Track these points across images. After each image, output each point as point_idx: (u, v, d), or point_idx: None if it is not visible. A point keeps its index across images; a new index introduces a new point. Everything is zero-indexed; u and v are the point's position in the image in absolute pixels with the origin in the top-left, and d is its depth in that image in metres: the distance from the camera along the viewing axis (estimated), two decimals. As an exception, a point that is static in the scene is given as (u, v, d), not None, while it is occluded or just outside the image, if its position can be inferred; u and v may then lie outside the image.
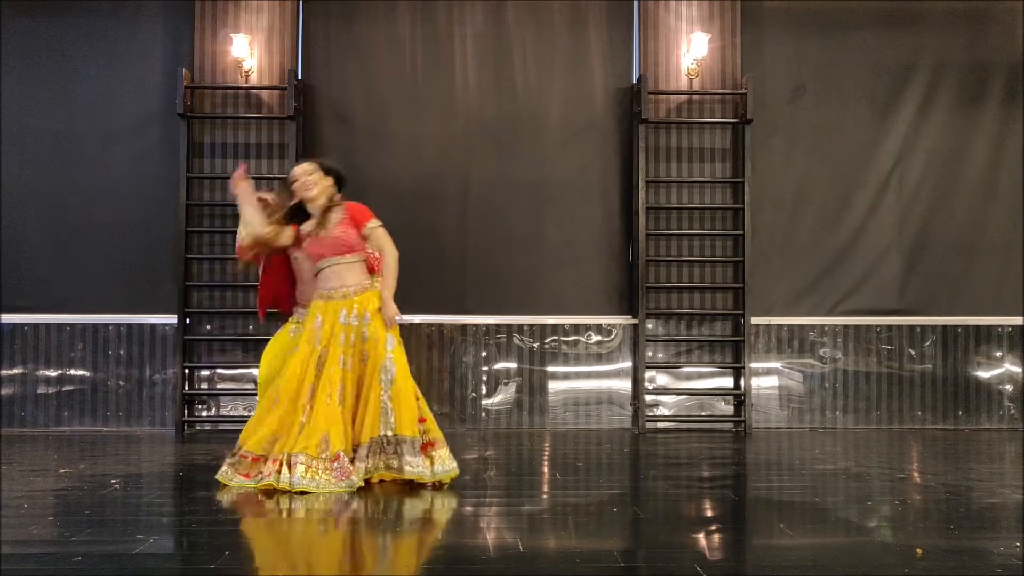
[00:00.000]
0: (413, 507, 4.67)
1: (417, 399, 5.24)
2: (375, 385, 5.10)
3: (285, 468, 4.98)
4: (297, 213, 5.29)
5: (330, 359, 5.12)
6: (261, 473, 5.08)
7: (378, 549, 4.08)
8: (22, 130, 7.94)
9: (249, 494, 5.19)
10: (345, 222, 5.25)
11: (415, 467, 5.09)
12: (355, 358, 5.17)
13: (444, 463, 5.17)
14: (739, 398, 8.03)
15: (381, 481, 5.15)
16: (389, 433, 5.11)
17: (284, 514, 4.73)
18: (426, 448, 5.17)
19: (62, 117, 7.97)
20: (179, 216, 7.81)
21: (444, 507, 4.70)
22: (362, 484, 4.99)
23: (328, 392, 5.06)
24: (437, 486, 5.11)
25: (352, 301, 5.20)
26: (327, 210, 5.26)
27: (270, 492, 4.99)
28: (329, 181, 5.27)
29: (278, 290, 5.67)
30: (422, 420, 5.20)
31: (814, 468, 6.09)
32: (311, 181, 5.23)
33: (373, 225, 5.26)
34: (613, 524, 4.48)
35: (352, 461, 5.07)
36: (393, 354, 5.15)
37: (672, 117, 8.12)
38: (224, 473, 5.22)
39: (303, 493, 4.88)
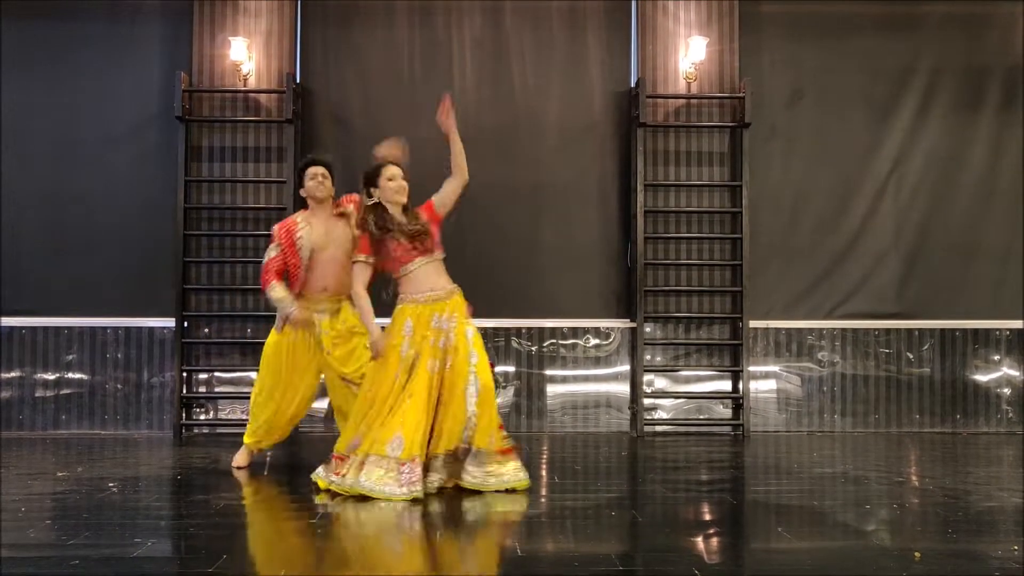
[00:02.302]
0: (412, 511, 4.67)
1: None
2: (461, 397, 5.07)
3: (354, 469, 4.97)
4: (380, 218, 5.28)
5: (421, 363, 5.08)
6: (334, 475, 5.08)
7: (376, 552, 4.08)
8: (20, 133, 7.94)
9: (251, 496, 5.19)
10: (427, 221, 5.26)
11: (475, 477, 5.09)
12: (441, 361, 5.13)
13: (517, 472, 5.17)
14: (737, 401, 8.03)
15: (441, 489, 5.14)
16: (465, 446, 5.10)
17: (283, 516, 4.73)
18: (504, 454, 5.18)
19: (60, 120, 7.96)
20: (177, 219, 7.80)
21: (442, 510, 4.69)
22: (421, 496, 4.90)
23: (411, 393, 5.02)
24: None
25: (445, 304, 5.19)
26: (408, 210, 5.26)
27: (332, 493, 4.99)
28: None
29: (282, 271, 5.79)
30: (500, 427, 5.22)
31: (812, 472, 6.10)
32: (405, 185, 5.27)
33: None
34: (611, 528, 4.48)
35: (426, 471, 5.03)
36: (477, 368, 5.12)
37: (670, 121, 8.12)
38: (318, 473, 5.27)
39: (364, 498, 4.85)
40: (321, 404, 7.45)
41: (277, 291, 5.71)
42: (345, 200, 5.85)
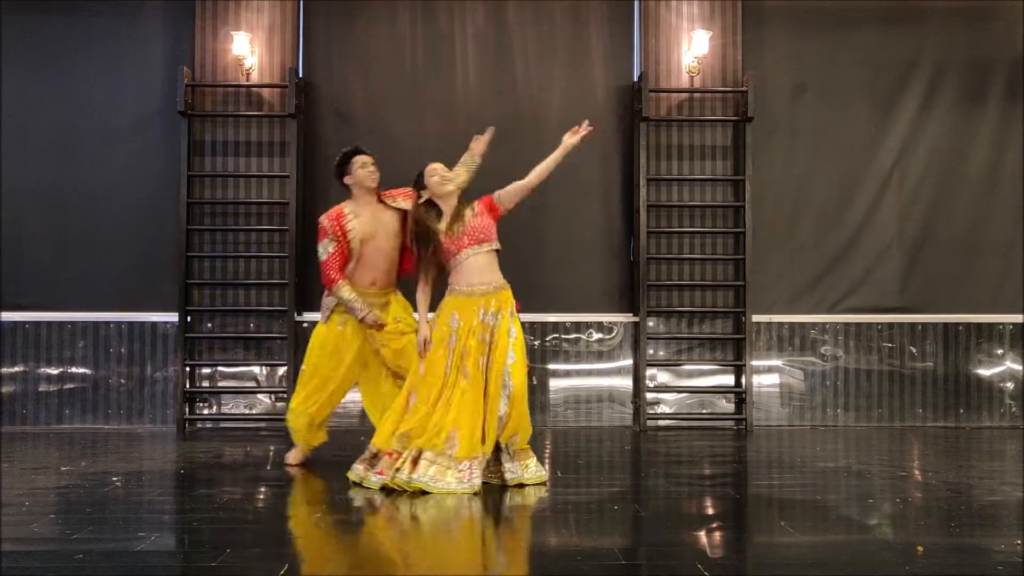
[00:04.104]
0: (415, 506, 4.67)
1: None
2: (496, 397, 5.04)
3: (408, 464, 4.93)
4: (428, 212, 5.29)
5: (471, 359, 5.05)
6: (390, 471, 5.00)
7: (378, 548, 4.08)
8: (23, 128, 7.94)
9: (253, 491, 5.20)
10: (481, 212, 5.23)
11: (512, 472, 5.11)
12: (487, 358, 5.09)
13: (538, 470, 5.19)
14: (740, 396, 8.03)
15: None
16: (502, 443, 5.11)
17: (286, 511, 4.74)
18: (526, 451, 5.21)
19: (63, 115, 7.96)
20: (180, 214, 7.81)
21: (445, 506, 4.69)
22: (479, 490, 4.91)
23: (463, 389, 5.00)
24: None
25: (491, 298, 5.15)
26: (460, 204, 5.24)
27: (389, 490, 4.93)
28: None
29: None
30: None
31: (815, 466, 6.10)
32: (448, 177, 5.25)
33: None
34: (614, 522, 4.48)
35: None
36: (512, 370, 5.06)
37: (673, 115, 8.11)
38: (356, 471, 5.17)
39: (423, 493, 4.82)
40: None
41: (345, 292, 5.53)
42: (397, 193, 5.74)
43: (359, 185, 5.69)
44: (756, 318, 8.05)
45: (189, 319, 7.88)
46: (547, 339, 8.07)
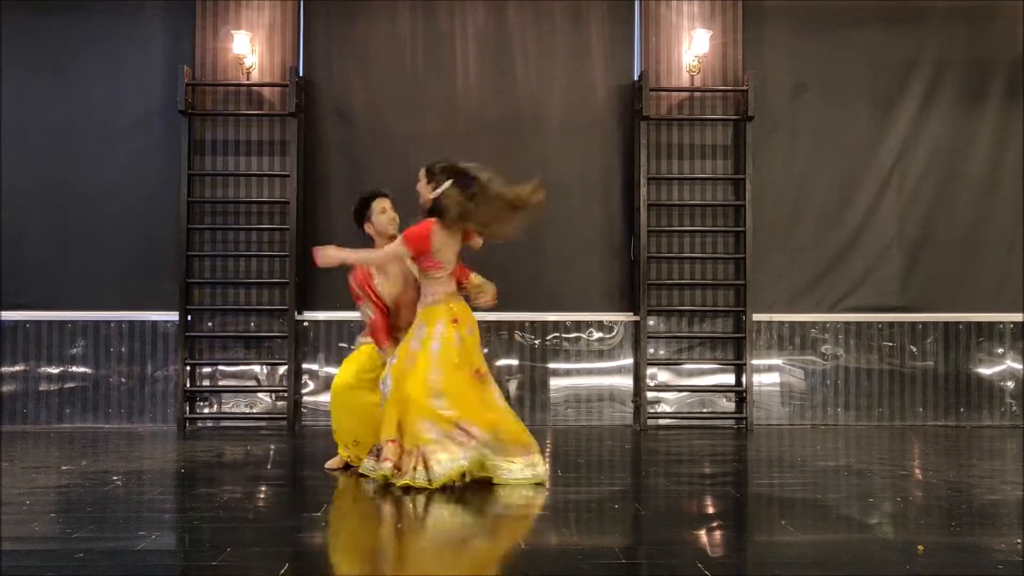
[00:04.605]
0: (415, 505, 4.67)
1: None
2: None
3: (421, 462, 4.93)
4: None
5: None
6: (401, 469, 5.00)
7: (378, 546, 4.08)
8: (24, 127, 7.95)
9: (253, 490, 5.19)
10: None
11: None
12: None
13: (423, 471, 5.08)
14: (740, 395, 8.03)
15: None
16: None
17: (287, 510, 4.74)
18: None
19: (63, 114, 7.97)
20: (181, 213, 7.81)
21: (445, 505, 4.69)
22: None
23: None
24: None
25: (419, 313, 5.20)
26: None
27: (407, 489, 4.89)
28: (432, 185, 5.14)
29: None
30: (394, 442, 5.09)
31: (815, 465, 6.10)
32: (420, 185, 5.20)
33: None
34: (615, 521, 4.48)
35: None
36: (391, 369, 5.12)
37: (674, 114, 8.12)
38: (368, 467, 5.19)
39: (444, 488, 4.88)
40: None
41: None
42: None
43: (380, 234, 5.52)
44: (756, 317, 8.05)
45: (189, 318, 7.88)
46: (548, 338, 8.07)
